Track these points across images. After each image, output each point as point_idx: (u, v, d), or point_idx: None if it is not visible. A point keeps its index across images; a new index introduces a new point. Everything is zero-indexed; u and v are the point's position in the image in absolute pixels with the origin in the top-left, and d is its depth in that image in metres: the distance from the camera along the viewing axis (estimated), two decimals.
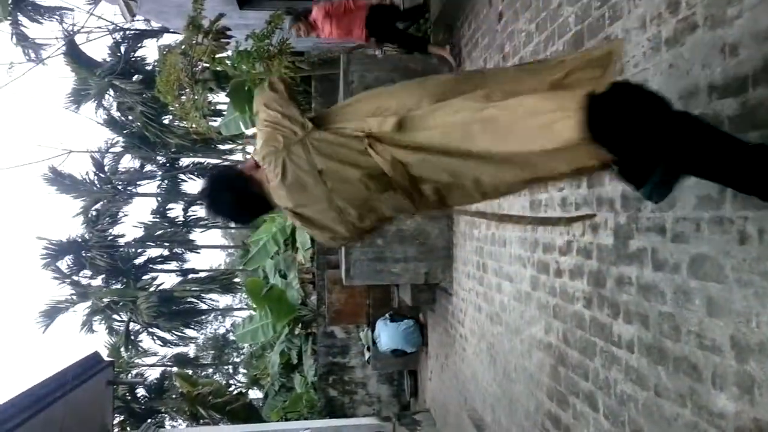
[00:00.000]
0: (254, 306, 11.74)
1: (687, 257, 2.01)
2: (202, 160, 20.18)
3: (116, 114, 17.72)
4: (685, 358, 2.01)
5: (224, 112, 12.87)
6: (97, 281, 19.18)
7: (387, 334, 7.46)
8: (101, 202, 18.96)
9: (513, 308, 3.91)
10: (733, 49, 1.79)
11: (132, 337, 18.63)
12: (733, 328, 1.78)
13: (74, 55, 16.08)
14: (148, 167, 20.03)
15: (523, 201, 3.66)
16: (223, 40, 6.53)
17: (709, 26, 1.89)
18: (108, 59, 16.44)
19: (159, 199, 20.25)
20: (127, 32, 16.73)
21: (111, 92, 16.50)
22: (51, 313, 18.50)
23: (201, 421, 14.39)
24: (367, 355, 8.62)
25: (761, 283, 1.66)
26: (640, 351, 2.31)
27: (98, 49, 43.73)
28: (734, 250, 1.78)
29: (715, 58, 1.87)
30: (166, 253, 20.56)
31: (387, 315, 7.79)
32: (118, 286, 19.02)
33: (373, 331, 7.86)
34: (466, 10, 5.09)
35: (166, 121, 16.40)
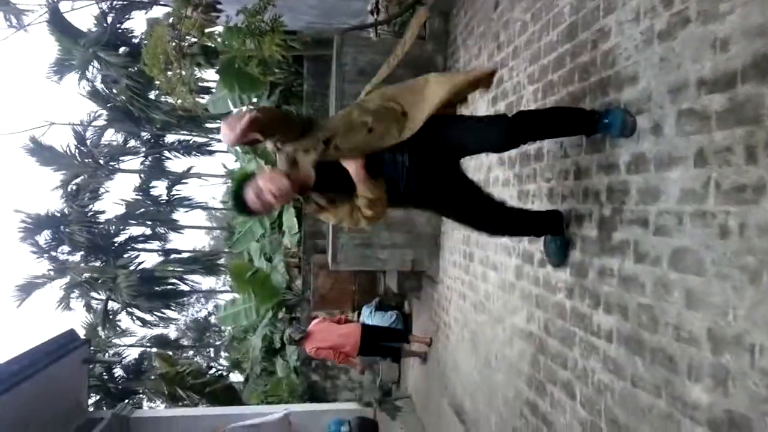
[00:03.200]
0: (237, 289, 11.68)
1: (668, 250, 2.03)
2: (188, 137, 19.94)
3: (100, 86, 17.34)
4: (661, 350, 2.05)
5: (213, 90, 12.73)
6: (76, 257, 18.94)
7: (372, 323, 7.48)
8: (82, 177, 18.62)
9: (497, 297, 3.94)
10: (723, 44, 1.80)
11: (110, 316, 18.44)
12: (710, 321, 1.81)
13: (58, 23, 15.66)
14: (132, 143, 19.69)
15: (511, 191, 3.67)
16: (213, 14, 6.41)
17: (702, 21, 1.91)
18: (93, 29, 16.06)
19: (142, 176, 19.98)
20: (115, 2, 16.36)
21: (96, 64, 16.11)
22: (27, 288, 18.20)
23: (180, 402, 14.35)
24: None
25: (740, 276, 1.69)
26: (618, 341, 2.34)
27: (84, 19, 42.71)
28: (715, 244, 1.80)
29: (705, 53, 1.88)
30: (148, 231, 20.33)
31: (374, 302, 7.80)
32: (98, 263, 18.80)
33: (358, 317, 7.87)
34: None
35: (151, 96, 16.12)
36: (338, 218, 2.53)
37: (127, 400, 14.09)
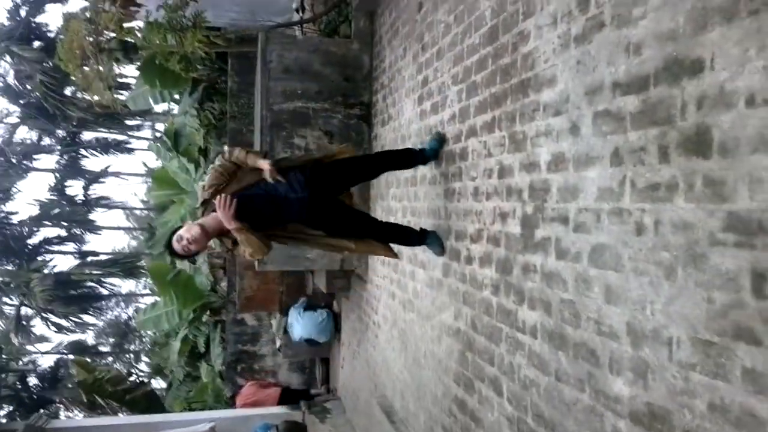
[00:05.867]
0: (158, 292, 11.24)
1: (588, 246, 2.09)
2: (106, 135, 19.05)
3: (13, 82, 16.38)
4: (584, 344, 2.10)
5: (133, 86, 12.19)
6: None
7: (301, 324, 7.37)
8: None
9: (425, 295, 3.96)
10: (636, 48, 1.86)
11: (24, 323, 17.38)
12: (629, 315, 1.87)
13: None
14: (47, 140, 18.67)
15: (438, 189, 3.70)
16: (132, 8, 6.14)
17: (616, 25, 1.97)
18: (6, 23, 15.14)
19: (57, 175, 18.93)
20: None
21: (8, 58, 15.23)
22: None
23: (99, 411, 13.66)
24: (278, 342, 8.49)
25: (656, 272, 1.75)
26: (542, 337, 2.39)
27: None
28: (631, 241, 1.86)
29: (619, 57, 1.94)
30: (63, 233, 19.29)
31: (301, 302, 7.69)
32: (10, 267, 17.66)
33: (287, 318, 7.74)
34: None
35: (68, 92, 15.34)
36: (242, 253, 3.16)
37: (42, 410, 13.28)
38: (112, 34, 6.59)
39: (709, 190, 1.56)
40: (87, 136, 19.04)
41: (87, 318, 18.72)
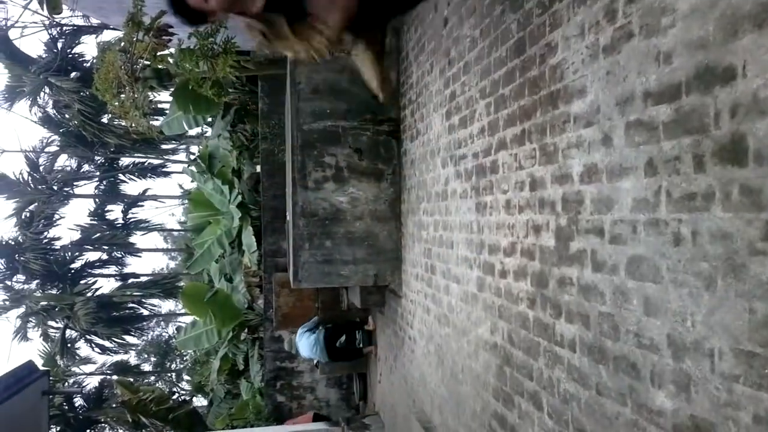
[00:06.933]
0: (192, 312, 11.42)
1: (625, 258, 2.06)
2: (143, 159, 19.59)
3: (52, 112, 17.02)
4: (624, 357, 2.07)
5: (167, 111, 12.54)
6: (32, 286, 18.34)
7: (301, 344, 7.48)
8: (35, 204, 18.12)
9: (460, 309, 3.95)
10: (667, 57, 1.85)
11: (68, 345, 17.88)
12: (669, 327, 1.84)
13: (8, 50, 15.36)
14: (86, 167, 19.29)
15: (469, 203, 3.70)
16: (165, 37, 6.34)
17: (645, 35, 1.96)
18: (44, 55, 15.77)
19: (97, 200, 19.52)
20: (64, 28, 16.06)
21: (47, 89, 15.84)
22: None
23: (144, 430, 13.93)
24: (315, 359, 8.55)
25: (695, 283, 1.72)
26: (581, 351, 2.36)
27: (34, 45, 41.76)
28: (669, 252, 1.84)
29: (650, 66, 1.93)
30: (104, 256, 19.83)
31: (311, 322, 7.72)
32: (54, 291, 18.23)
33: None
34: (413, 14, 5.12)
35: (104, 120, 15.84)
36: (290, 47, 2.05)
37: (89, 430, 13.57)
38: (146, 63, 6.81)
39: (746, 198, 1.53)
40: (124, 161, 19.61)
41: (129, 338, 19.16)
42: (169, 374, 27.49)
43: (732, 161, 1.58)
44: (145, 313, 20.17)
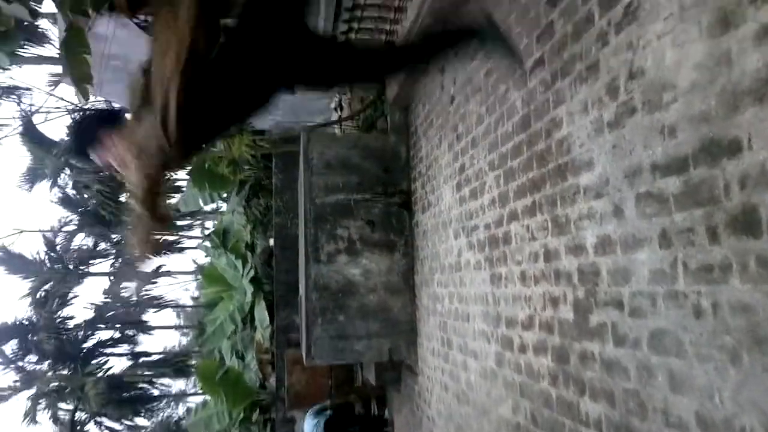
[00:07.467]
0: (207, 391, 11.21)
1: (646, 332, 2.02)
2: (158, 236, 19.79)
3: (71, 192, 17.42)
4: None
5: (183, 188, 12.79)
6: (44, 366, 18.16)
7: (305, 429, 7.30)
8: (51, 283, 18.24)
9: (480, 386, 3.84)
10: (671, 130, 1.88)
11: (78, 427, 17.47)
12: (697, 405, 1.77)
13: (31, 135, 15.92)
14: (102, 245, 19.52)
15: (483, 275, 3.67)
16: None
17: (647, 110, 2.00)
18: (66, 138, 16.30)
19: (112, 278, 19.63)
20: (86, 113, 16.73)
21: (67, 171, 16.28)
22: None
23: None
24: None
25: (720, 357, 1.67)
26: (608, 430, 2.27)
27: (56, 128, 43.42)
28: (691, 325, 1.80)
29: (655, 139, 1.96)
30: (117, 335, 19.71)
31: (317, 407, 7.56)
32: (65, 371, 18.02)
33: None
34: (420, 92, 5.29)
35: (122, 199, 16.16)
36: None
37: None
38: None
39: (764, 270, 1.51)
40: None
41: (139, 420, 18.73)
42: None
43: (746, 232, 1.57)
44: (156, 393, 19.80)
